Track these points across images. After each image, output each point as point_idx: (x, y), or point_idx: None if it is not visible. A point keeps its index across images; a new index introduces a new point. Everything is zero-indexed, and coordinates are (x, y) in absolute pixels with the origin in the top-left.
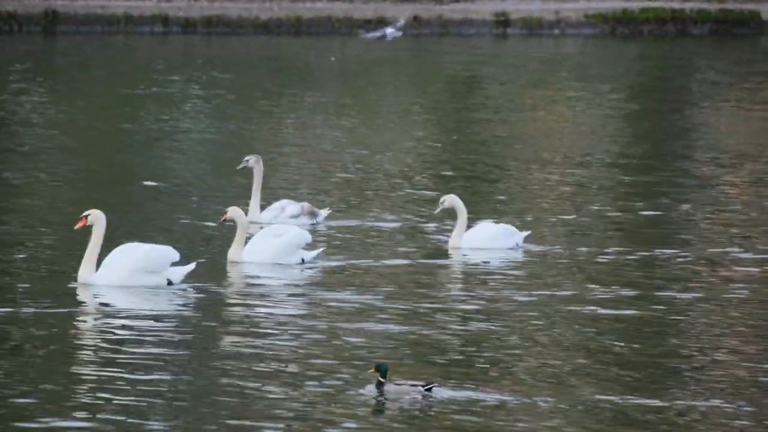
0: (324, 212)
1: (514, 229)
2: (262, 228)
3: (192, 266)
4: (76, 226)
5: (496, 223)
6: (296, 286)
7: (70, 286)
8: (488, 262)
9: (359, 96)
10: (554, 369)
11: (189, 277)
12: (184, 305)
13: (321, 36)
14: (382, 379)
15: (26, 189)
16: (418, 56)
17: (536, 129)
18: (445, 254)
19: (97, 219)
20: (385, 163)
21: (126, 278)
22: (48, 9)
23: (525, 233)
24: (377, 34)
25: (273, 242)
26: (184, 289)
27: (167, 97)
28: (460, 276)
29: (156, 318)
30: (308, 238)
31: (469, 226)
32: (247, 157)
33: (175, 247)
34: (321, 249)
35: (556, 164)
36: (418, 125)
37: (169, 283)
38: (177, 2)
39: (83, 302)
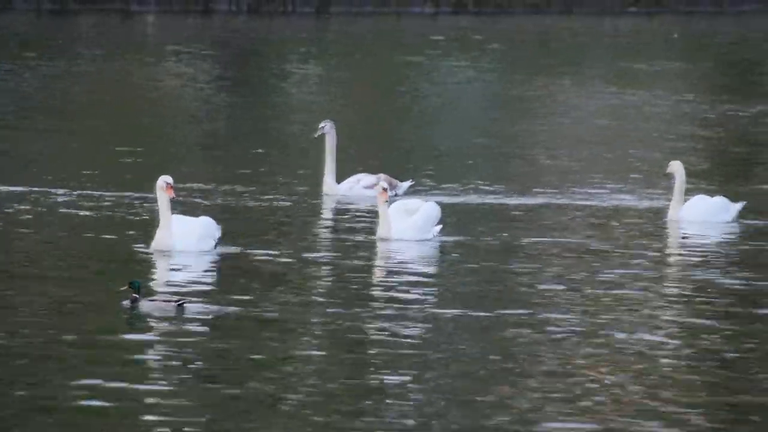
0: (406, 184)
1: (728, 201)
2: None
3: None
4: (169, 195)
5: (711, 196)
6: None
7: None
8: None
9: (625, 71)
10: None
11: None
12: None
13: (591, 15)
14: (135, 295)
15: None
16: (690, 32)
17: None
18: (661, 228)
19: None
20: (631, 136)
21: (197, 244)
22: None
23: (739, 205)
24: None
25: (413, 219)
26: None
27: (447, 73)
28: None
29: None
30: (438, 211)
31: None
32: (322, 123)
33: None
34: (440, 225)
35: None
36: (680, 102)
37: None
38: None
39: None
